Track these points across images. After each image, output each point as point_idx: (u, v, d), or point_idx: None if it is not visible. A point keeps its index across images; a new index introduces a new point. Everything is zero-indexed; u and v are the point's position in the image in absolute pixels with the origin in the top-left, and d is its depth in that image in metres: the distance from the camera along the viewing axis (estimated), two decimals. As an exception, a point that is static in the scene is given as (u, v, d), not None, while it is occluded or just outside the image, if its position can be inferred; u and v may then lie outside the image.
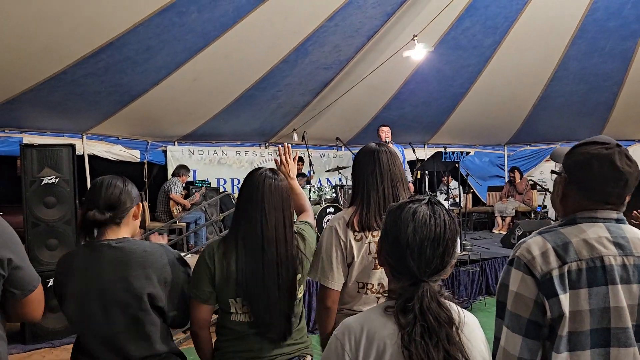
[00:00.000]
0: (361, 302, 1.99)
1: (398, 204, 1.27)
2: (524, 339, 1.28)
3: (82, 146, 7.35)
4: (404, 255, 1.19)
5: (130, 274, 1.71)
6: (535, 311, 1.27)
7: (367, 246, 1.96)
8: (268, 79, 7.15)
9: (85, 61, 5.63)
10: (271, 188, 1.85)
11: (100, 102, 6.69)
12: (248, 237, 1.82)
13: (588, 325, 1.25)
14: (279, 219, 1.85)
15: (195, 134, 8.45)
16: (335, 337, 1.21)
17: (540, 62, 7.70)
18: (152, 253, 1.78)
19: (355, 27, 6.53)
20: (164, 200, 7.37)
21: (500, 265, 6.12)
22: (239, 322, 1.84)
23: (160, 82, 6.56)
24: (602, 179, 1.33)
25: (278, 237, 1.83)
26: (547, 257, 1.29)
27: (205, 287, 1.81)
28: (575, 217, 1.38)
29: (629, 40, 7.11)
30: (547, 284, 1.27)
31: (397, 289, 1.22)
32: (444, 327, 1.15)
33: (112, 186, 1.79)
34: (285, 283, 1.84)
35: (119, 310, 1.70)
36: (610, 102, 8.42)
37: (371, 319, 1.20)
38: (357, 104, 8.27)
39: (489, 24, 6.93)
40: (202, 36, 5.95)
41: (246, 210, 1.85)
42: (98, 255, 1.73)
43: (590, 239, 1.31)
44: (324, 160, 9.84)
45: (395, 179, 2.02)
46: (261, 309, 1.80)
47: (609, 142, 1.36)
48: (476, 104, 8.63)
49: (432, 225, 1.20)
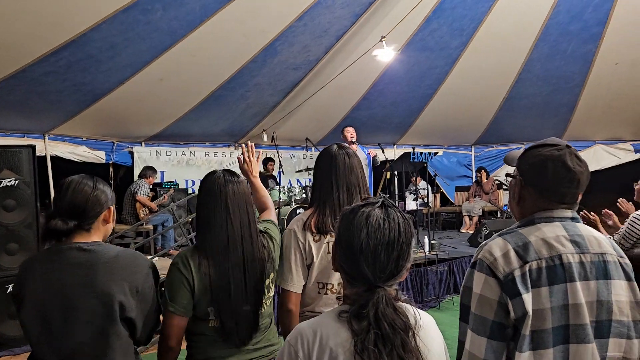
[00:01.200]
0: (322, 303, 1.98)
1: (351, 208, 1.24)
2: (488, 341, 1.28)
3: (44, 147, 7.12)
4: (357, 261, 1.16)
5: (99, 280, 1.58)
6: (499, 312, 1.28)
7: (326, 246, 1.97)
8: (237, 78, 7.08)
9: (45, 59, 5.46)
10: (233, 190, 1.82)
11: (63, 102, 6.50)
12: (214, 242, 1.78)
13: (550, 323, 1.26)
14: (244, 220, 1.83)
15: (163, 134, 8.30)
16: (288, 343, 1.18)
17: (505, 64, 7.86)
18: (125, 258, 1.66)
19: (324, 27, 6.53)
20: (130, 203, 7.21)
21: (468, 264, 6.20)
22: (214, 328, 1.80)
23: (126, 82, 6.42)
24: (556, 180, 1.36)
25: (244, 238, 1.81)
26: (509, 258, 1.30)
27: (183, 300, 1.74)
28: (533, 218, 1.40)
29: (589, 43, 7.32)
30: (510, 285, 1.27)
31: (351, 294, 1.18)
32: (399, 334, 1.12)
33: (79, 191, 1.64)
34: (252, 285, 1.81)
35: (83, 319, 1.56)
36: (572, 104, 8.65)
37: (325, 324, 1.17)
38: (326, 104, 8.28)
39: (456, 25, 7.03)
40: (168, 34, 5.85)
41: (208, 216, 1.81)
42: (64, 259, 1.59)
43: (549, 238, 1.33)
44: (294, 160, 9.81)
45: (351, 186, 2.02)
46: (226, 313, 1.76)
47: (560, 143, 1.39)
48: (444, 105, 8.75)
49: (385, 229, 1.17)
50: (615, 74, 7.76)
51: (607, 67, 7.63)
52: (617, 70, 7.68)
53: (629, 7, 6.63)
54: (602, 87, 8.06)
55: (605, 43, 7.24)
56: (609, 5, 6.64)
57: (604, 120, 8.98)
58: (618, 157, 9.44)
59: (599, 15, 6.84)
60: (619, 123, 9.04)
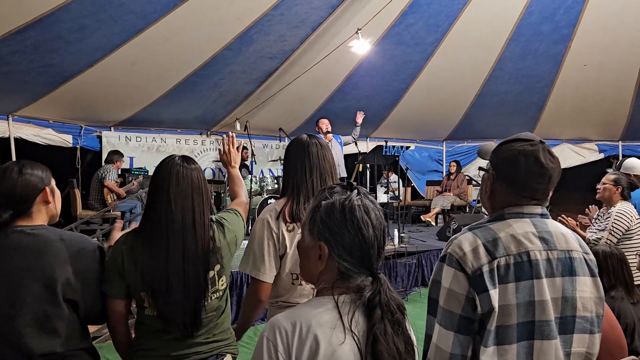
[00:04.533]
0: (297, 294, 1.97)
1: (341, 205, 1.19)
2: (455, 335, 1.29)
3: (8, 129, 6.89)
4: (367, 255, 1.18)
5: (43, 263, 1.60)
6: (466, 307, 1.29)
7: (300, 237, 1.96)
8: (210, 65, 6.97)
9: (11, 37, 5.26)
10: (178, 175, 1.76)
11: (29, 83, 6.29)
12: (154, 229, 1.74)
13: (515, 319, 1.28)
14: (187, 209, 1.75)
15: (133, 119, 8.12)
16: (265, 338, 1.12)
17: (478, 61, 7.96)
18: (70, 241, 1.67)
19: (300, 17, 6.48)
20: (97, 188, 7.06)
21: (436, 257, 6.32)
22: (150, 317, 1.77)
23: (96, 64, 6.24)
24: (528, 175, 1.36)
25: (185, 229, 1.74)
26: (478, 253, 1.31)
27: (114, 282, 1.73)
28: (503, 213, 1.40)
29: (560, 44, 7.48)
30: (478, 280, 1.28)
31: (356, 287, 1.16)
32: (404, 315, 1.17)
33: (6, 179, 1.63)
34: (193, 277, 1.75)
35: (26, 301, 1.57)
36: (541, 103, 8.84)
37: (304, 317, 1.13)
38: (301, 95, 8.24)
39: (431, 21, 7.08)
40: (141, 17, 5.70)
41: (152, 201, 1.77)
42: (7, 243, 1.60)
43: (518, 234, 1.34)
44: (267, 150, 9.76)
45: (325, 172, 2.02)
46: (163, 303, 1.72)
47: (534, 138, 1.40)
48: (417, 99, 8.82)
49: (380, 217, 1.20)
50: (584, 76, 7.96)
51: (576, 68, 7.82)
52: (585, 72, 7.88)
53: (598, 11, 6.79)
54: (570, 87, 8.27)
55: (574, 45, 7.41)
56: (580, 7, 6.79)
57: (571, 120, 9.22)
58: (583, 157, 9.72)
59: (569, 17, 6.99)
60: (585, 123, 9.29)
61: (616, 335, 1.95)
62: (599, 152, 9.71)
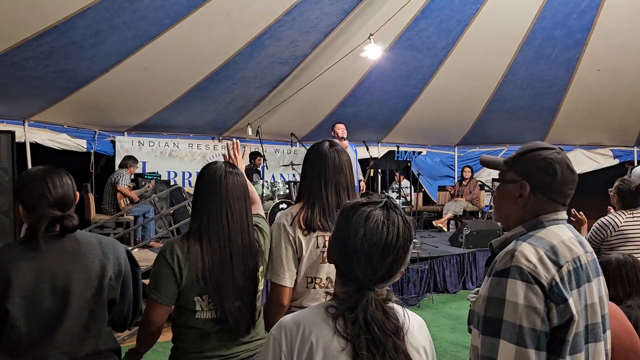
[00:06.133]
0: (310, 298, 1.97)
1: (351, 205, 1.20)
2: (537, 353, 1.19)
3: (24, 133, 6.99)
4: (350, 261, 1.14)
5: (88, 265, 1.67)
6: (545, 321, 1.21)
7: (315, 240, 1.96)
8: (222, 71, 7.02)
9: (27, 44, 5.35)
10: (234, 181, 1.85)
11: (44, 88, 6.38)
12: (214, 231, 1.79)
13: (582, 325, 1.26)
14: (242, 210, 1.85)
15: (146, 124, 8.20)
16: (272, 336, 1.17)
17: (491, 66, 7.92)
18: (107, 244, 1.76)
19: (312, 22, 6.51)
20: (110, 193, 7.11)
21: (448, 263, 6.28)
22: (204, 320, 1.80)
23: (110, 70, 6.32)
24: (564, 182, 1.36)
25: (243, 228, 1.84)
26: (545, 263, 1.25)
27: (169, 289, 1.76)
28: (541, 221, 1.36)
29: (573, 49, 7.42)
30: (555, 290, 1.22)
31: (341, 293, 1.17)
32: (390, 337, 1.11)
33: (65, 185, 1.71)
34: (251, 274, 1.84)
35: (74, 303, 1.63)
36: (554, 108, 8.76)
37: (308, 319, 1.16)
38: (312, 100, 8.27)
39: (443, 26, 7.07)
40: (154, 24, 5.77)
41: (208, 205, 1.82)
42: (51, 248, 1.64)
43: (565, 240, 1.31)
44: (278, 155, 9.79)
45: (339, 187, 2.01)
46: (226, 305, 1.77)
47: (552, 146, 1.40)
48: (429, 104, 8.79)
49: (384, 232, 1.13)
50: (597, 80, 7.88)
51: (590, 73, 7.75)
52: (599, 77, 7.80)
53: (613, 15, 6.73)
54: (584, 92, 8.19)
55: (588, 49, 7.35)
56: (594, 12, 6.74)
57: (584, 126, 9.12)
58: (597, 162, 9.60)
59: (583, 22, 6.94)
60: (599, 128, 9.18)
61: (633, 343, 1.95)
62: (614, 158, 9.58)
